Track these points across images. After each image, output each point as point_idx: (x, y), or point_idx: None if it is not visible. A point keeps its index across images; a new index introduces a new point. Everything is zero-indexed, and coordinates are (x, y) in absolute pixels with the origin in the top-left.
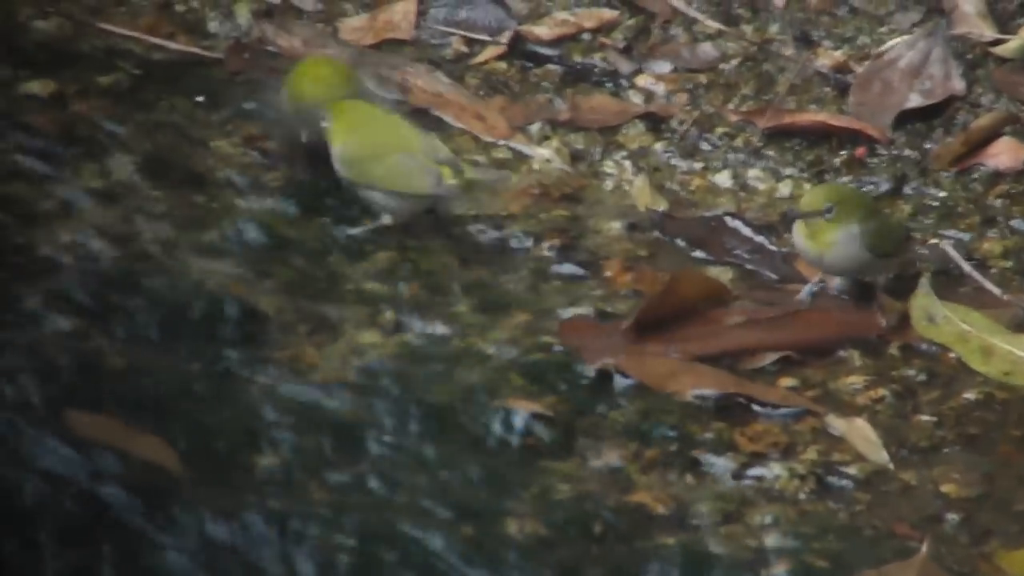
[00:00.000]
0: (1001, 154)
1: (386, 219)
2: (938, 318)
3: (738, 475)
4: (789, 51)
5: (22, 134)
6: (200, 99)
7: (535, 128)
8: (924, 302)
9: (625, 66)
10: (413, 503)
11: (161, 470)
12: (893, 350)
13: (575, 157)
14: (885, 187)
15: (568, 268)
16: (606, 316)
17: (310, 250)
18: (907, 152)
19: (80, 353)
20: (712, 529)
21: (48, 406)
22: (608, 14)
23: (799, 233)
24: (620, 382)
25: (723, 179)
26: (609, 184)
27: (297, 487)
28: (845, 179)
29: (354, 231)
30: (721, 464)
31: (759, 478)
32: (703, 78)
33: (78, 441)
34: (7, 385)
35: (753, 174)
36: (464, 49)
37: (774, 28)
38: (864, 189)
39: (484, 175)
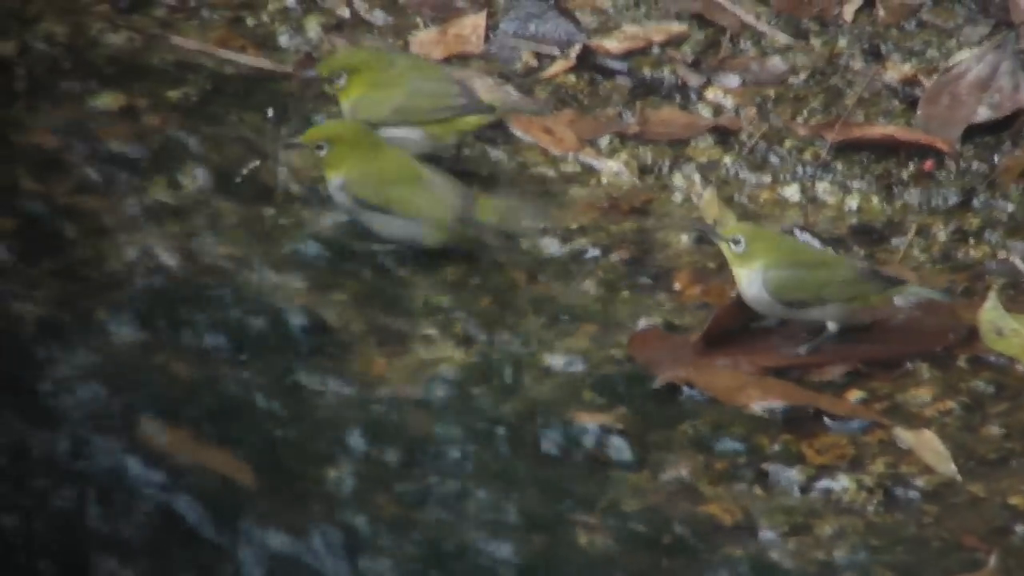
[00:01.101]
0: None
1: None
2: (1006, 330)
3: (806, 487)
4: (858, 65)
5: (92, 147)
6: (270, 112)
7: (604, 141)
8: (992, 315)
9: (694, 79)
10: (482, 515)
11: (231, 482)
12: (961, 362)
13: (644, 170)
14: (953, 200)
15: (637, 281)
16: (675, 329)
17: (379, 263)
18: (975, 165)
19: (150, 366)
20: (780, 541)
21: (120, 418)
22: (677, 28)
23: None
24: (689, 394)
25: (791, 192)
26: (678, 197)
27: (366, 499)
28: (913, 192)
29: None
30: (789, 476)
31: (827, 490)
32: (772, 92)
33: (150, 453)
34: (79, 397)
35: (821, 187)
36: (534, 63)
37: (843, 42)
38: (932, 202)
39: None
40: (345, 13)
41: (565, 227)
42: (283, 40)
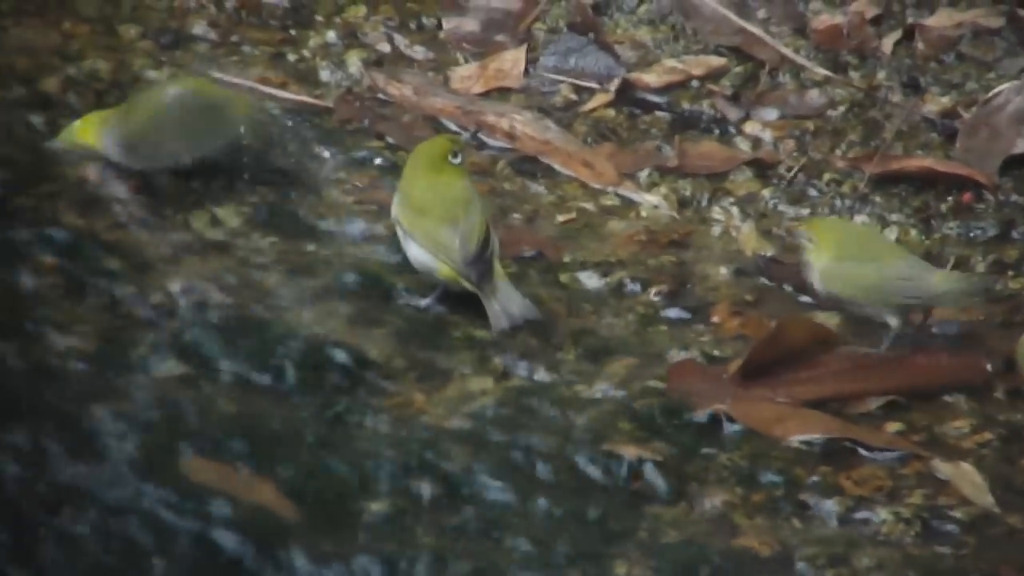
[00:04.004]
0: None
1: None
2: None
3: (844, 519)
4: (896, 97)
5: (134, 182)
6: (311, 147)
7: (643, 175)
8: None
9: (733, 113)
10: (521, 547)
11: (272, 515)
12: (999, 394)
13: (683, 203)
14: (992, 232)
15: (675, 313)
16: (713, 361)
17: (419, 298)
18: (1014, 197)
19: (192, 400)
20: (818, 573)
21: (161, 452)
22: (716, 61)
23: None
24: (727, 427)
25: None
26: (717, 230)
27: (406, 531)
28: (952, 224)
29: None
30: (827, 508)
31: (865, 522)
32: (810, 125)
33: (191, 486)
34: (121, 431)
35: (860, 220)
36: (573, 97)
37: (881, 75)
38: (971, 234)
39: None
40: (386, 48)
41: (604, 260)
42: (324, 75)
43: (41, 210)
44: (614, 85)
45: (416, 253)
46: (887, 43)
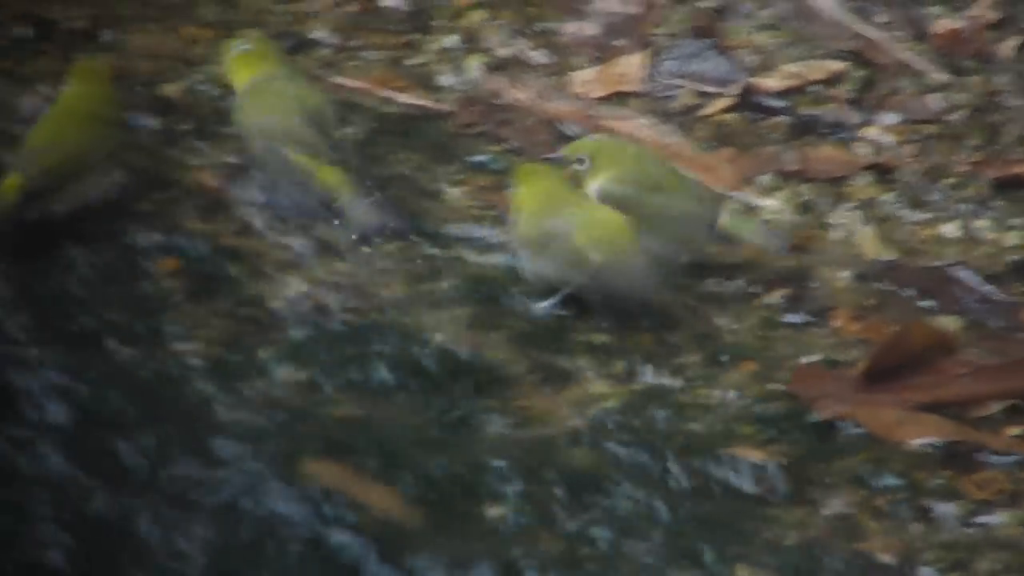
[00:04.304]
0: None
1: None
2: None
3: (965, 522)
4: (1016, 101)
5: (255, 188)
6: (430, 151)
7: (764, 179)
8: None
9: (853, 117)
10: (644, 551)
11: (394, 518)
12: None
13: (803, 208)
14: None
15: (797, 317)
16: (835, 365)
17: (538, 301)
18: None
19: (313, 404)
20: None
21: (284, 455)
22: (836, 66)
23: None
24: (849, 430)
25: (951, 229)
26: (837, 234)
27: (528, 535)
28: None
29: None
30: (948, 511)
31: (986, 525)
32: (931, 129)
33: (312, 489)
34: (243, 435)
35: (981, 224)
36: (693, 101)
37: (1001, 79)
38: None
39: None
40: (506, 52)
41: (725, 265)
42: (443, 79)
43: (163, 215)
44: (734, 89)
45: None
46: (1006, 47)
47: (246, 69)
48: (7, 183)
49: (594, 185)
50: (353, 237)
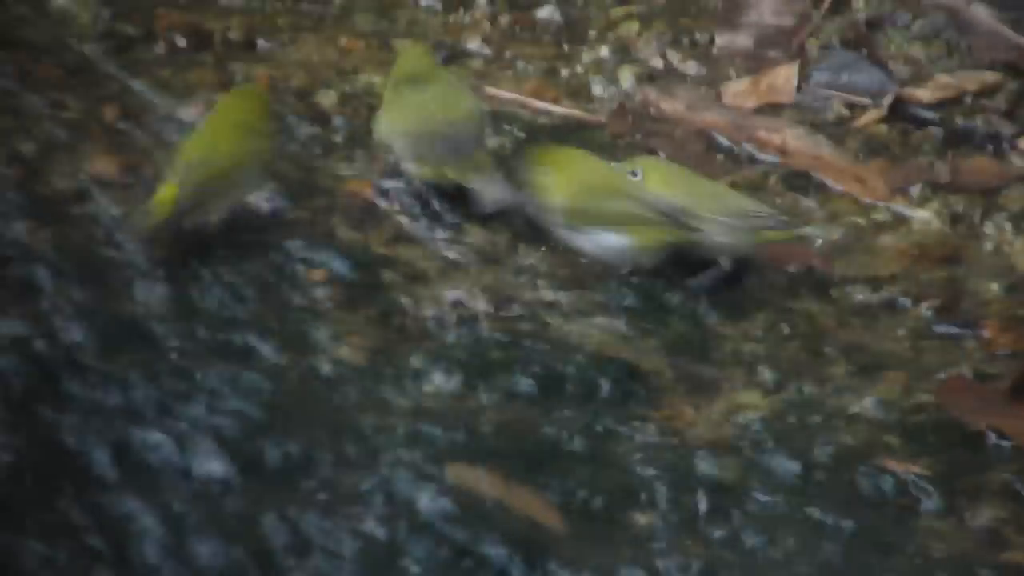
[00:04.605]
0: None
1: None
2: None
3: None
4: None
5: (408, 197)
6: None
7: (915, 190)
8: None
9: (1007, 129)
10: (790, 560)
11: (540, 525)
12: None
13: (955, 219)
14: None
15: (946, 329)
16: (984, 377)
17: (689, 311)
18: None
19: (462, 411)
20: None
21: (431, 461)
22: (990, 77)
23: None
24: (998, 443)
25: None
26: (989, 246)
27: (674, 543)
28: None
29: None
30: None
31: None
32: None
33: (460, 496)
34: (392, 441)
35: None
36: (845, 112)
37: None
38: None
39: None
40: (659, 63)
41: (875, 275)
42: (596, 90)
43: (315, 223)
44: (887, 100)
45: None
46: None
47: (397, 68)
48: (162, 195)
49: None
50: (486, 212)
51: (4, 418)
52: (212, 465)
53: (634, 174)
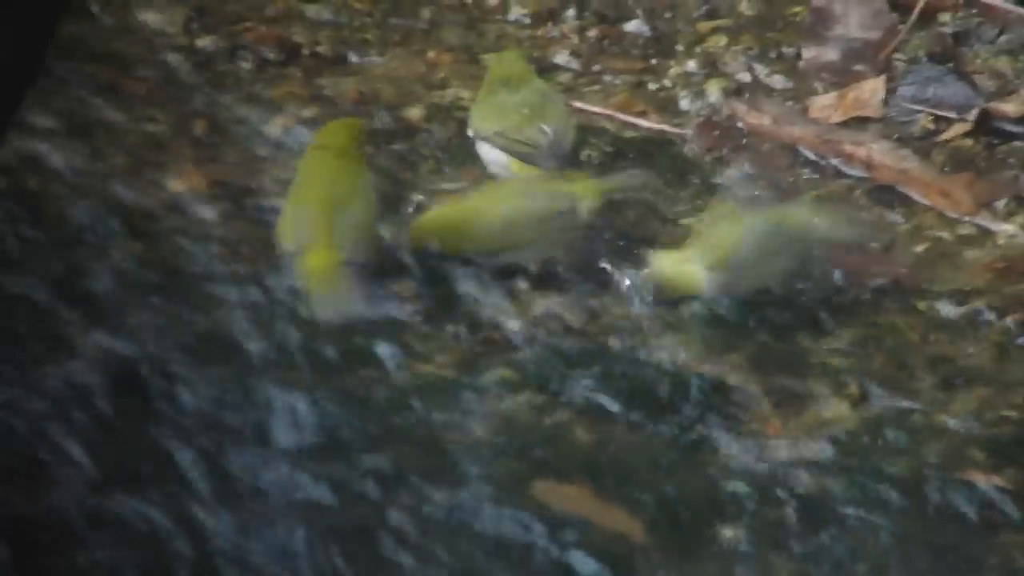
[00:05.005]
0: None
1: None
2: None
3: None
4: None
5: None
6: (669, 175)
7: (1001, 204)
8: None
9: None
10: (874, 574)
11: (626, 539)
12: None
13: None
14: None
15: None
16: None
17: (777, 325)
18: None
19: (547, 425)
20: None
21: (515, 476)
22: None
23: None
24: None
25: None
26: None
27: (760, 557)
28: None
29: None
30: None
31: None
32: None
33: (545, 510)
34: (478, 456)
35: None
36: (931, 126)
37: None
38: None
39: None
40: (746, 77)
41: (960, 289)
42: (684, 104)
43: (400, 237)
44: (973, 115)
45: None
46: None
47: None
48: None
49: None
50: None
51: (93, 433)
52: (295, 479)
53: None
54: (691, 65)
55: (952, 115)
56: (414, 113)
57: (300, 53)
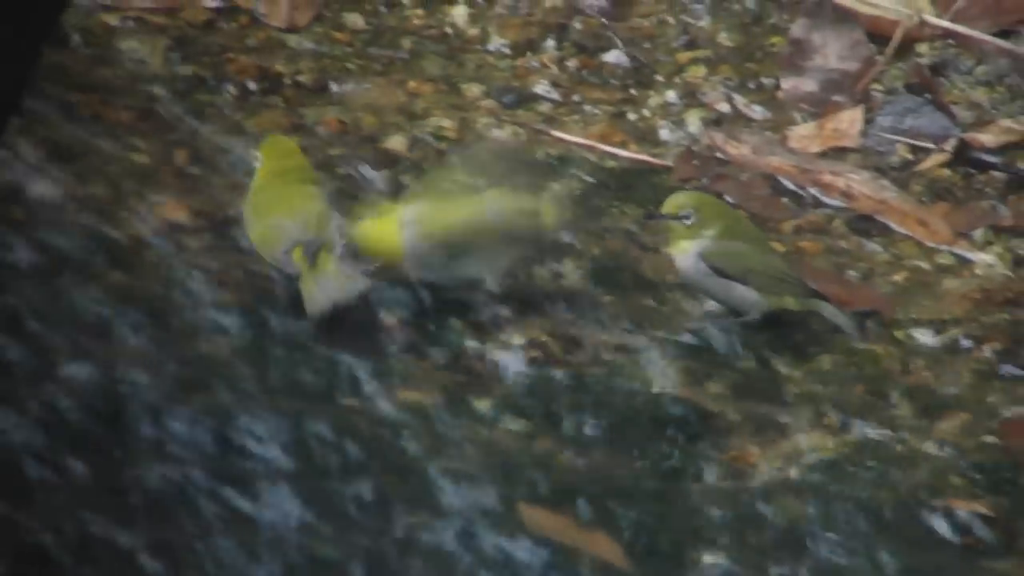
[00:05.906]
0: None
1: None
2: None
3: None
4: None
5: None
6: (650, 206)
7: (978, 233)
8: None
9: None
10: None
11: (609, 565)
12: None
13: (1017, 262)
14: None
15: (1009, 370)
16: None
17: (757, 355)
18: None
19: (531, 453)
20: None
21: (502, 503)
22: None
23: None
24: None
25: None
26: None
27: None
28: None
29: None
30: None
31: None
32: None
33: (529, 536)
34: (459, 483)
35: None
36: (909, 156)
37: None
38: None
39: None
40: (725, 108)
41: (938, 318)
42: (664, 134)
43: (384, 268)
44: (950, 145)
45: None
46: None
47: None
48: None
49: (704, 238)
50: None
51: (71, 462)
52: (281, 504)
53: (687, 217)
54: (671, 95)
55: (930, 145)
56: (395, 142)
57: (282, 83)
